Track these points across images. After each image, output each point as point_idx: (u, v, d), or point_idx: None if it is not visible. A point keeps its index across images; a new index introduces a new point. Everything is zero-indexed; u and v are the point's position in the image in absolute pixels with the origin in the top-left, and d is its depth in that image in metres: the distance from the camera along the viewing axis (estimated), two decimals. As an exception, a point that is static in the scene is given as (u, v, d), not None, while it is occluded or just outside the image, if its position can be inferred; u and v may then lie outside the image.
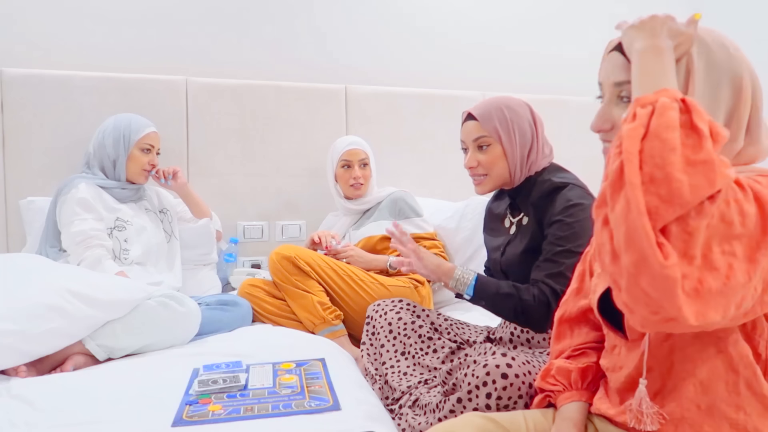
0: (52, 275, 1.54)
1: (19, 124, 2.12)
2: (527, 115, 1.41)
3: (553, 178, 1.35)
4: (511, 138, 1.38)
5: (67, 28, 2.23)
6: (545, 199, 1.32)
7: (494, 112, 1.39)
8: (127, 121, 1.98)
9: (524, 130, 1.39)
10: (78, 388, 1.31)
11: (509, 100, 1.41)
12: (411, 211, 2.17)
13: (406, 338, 1.53)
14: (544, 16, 2.83)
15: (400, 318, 1.56)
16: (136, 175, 2.00)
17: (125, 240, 1.90)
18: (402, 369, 1.48)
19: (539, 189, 1.35)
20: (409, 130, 2.58)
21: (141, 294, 1.56)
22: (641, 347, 0.78)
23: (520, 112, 1.40)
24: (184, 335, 1.62)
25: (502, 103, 1.40)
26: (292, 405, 1.23)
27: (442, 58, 2.70)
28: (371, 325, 1.60)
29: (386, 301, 1.64)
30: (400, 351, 1.52)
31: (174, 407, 1.22)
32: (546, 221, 1.31)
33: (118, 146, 1.95)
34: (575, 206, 1.27)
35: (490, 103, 1.41)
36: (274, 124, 2.42)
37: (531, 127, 1.40)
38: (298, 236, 2.46)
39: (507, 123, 1.38)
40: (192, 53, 2.37)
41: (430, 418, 1.23)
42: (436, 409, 1.23)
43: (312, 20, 2.51)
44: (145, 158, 2.00)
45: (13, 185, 2.13)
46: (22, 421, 1.15)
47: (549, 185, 1.33)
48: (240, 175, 2.40)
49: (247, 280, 2.02)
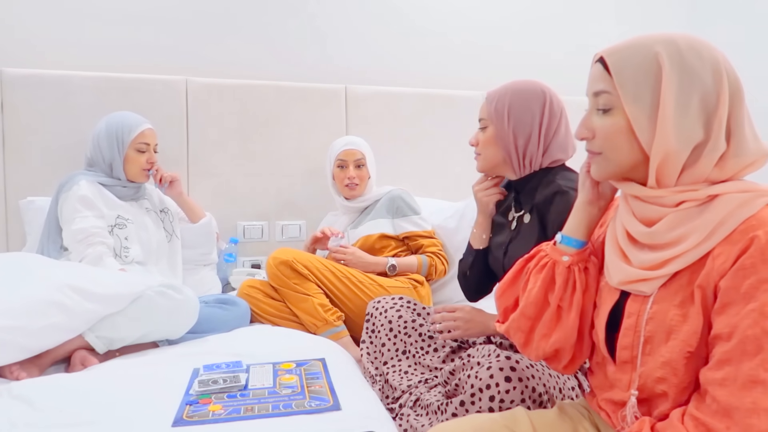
0: (51, 271, 1.54)
1: (19, 125, 2.12)
2: (536, 106, 1.32)
3: (558, 180, 1.29)
4: (503, 124, 1.32)
5: (66, 29, 2.23)
6: (548, 203, 1.27)
7: (500, 96, 1.33)
8: (119, 122, 1.95)
9: (522, 120, 1.31)
10: (78, 388, 1.31)
11: (525, 87, 1.33)
12: (408, 209, 2.17)
13: (407, 337, 1.52)
14: (544, 17, 2.83)
15: (401, 316, 1.56)
16: (135, 176, 1.99)
17: (126, 238, 1.90)
18: (402, 368, 1.48)
19: (544, 190, 1.30)
20: (409, 130, 2.58)
21: (140, 287, 1.56)
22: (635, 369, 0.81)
23: (528, 100, 1.31)
24: (183, 322, 1.61)
25: (516, 88, 1.33)
26: (292, 405, 1.23)
27: (441, 58, 2.70)
28: (371, 323, 1.60)
29: (386, 298, 1.64)
30: (401, 350, 1.52)
31: (174, 407, 1.22)
32: (549, 226, 1.27)
33: (112, 149, 1.93)
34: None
35: (507, 87, 1.35)
36: (274, 125, 2.42)
37: (536, 119, 1.31)
38: (298, 236, 2.46)
39: (504, 109, 1.32)
40: (192, 53, 2.37)
41: (432, 419, 1.23)
42: (438, 411, 1.22)
43: (312, 21, 2.51)
44: (142, 158, 1.97)
45: (12, 185, 2.13)
46: (22, 422, 1.15)
47: (553, 188, 1.28)
48: (240, 175, 2.40)
49: (246, 282, 2.01)
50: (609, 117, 0.80)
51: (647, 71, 0.77)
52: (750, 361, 0.67)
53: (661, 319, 0.77)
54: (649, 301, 0.78)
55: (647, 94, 0.77)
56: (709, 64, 0.76)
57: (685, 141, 0.75)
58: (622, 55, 0.79)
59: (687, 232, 0.74)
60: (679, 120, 0.75)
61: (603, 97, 0.81)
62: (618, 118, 0.79)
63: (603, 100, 0.81)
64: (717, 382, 0.69)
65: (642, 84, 0.77)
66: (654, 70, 0.76)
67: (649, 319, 0.78)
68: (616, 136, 0.80)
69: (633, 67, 0.78)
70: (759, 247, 0.68)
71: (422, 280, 2.07)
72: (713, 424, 0.68)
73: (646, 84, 0.77)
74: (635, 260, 0.81)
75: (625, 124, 0.79)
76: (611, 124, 0.80)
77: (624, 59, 0.79)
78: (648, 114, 0.77)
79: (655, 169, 0.78)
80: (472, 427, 0.92)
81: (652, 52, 0.77)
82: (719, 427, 0.68)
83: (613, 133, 0.80)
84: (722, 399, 0.68)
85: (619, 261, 0.84)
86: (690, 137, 0.75)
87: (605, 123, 0.81)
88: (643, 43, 0.78)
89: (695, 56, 0.76)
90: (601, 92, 0.81)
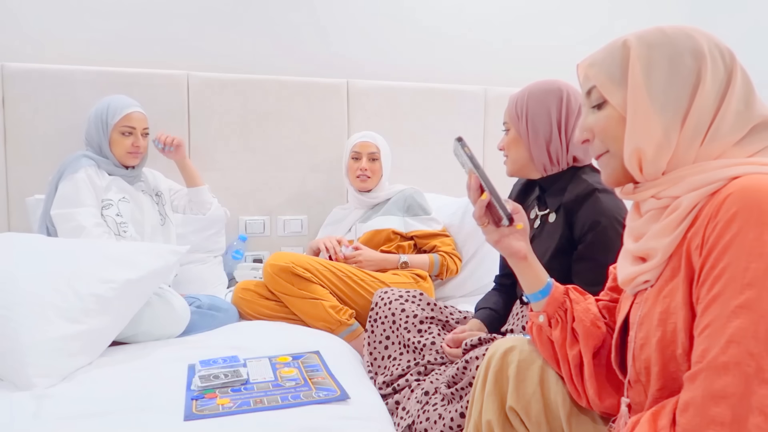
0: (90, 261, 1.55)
1: (20, 119, 2.11)
2: (552, 105, 1.33)
3: (589, 180, 1.28)
4: (522, 124, 1.35)
5: (67, 23, 2.21)
6: (580, 202, 1.26)
7: (518, 98, 1.36)
8: (106, 105, 1.95)
9: (540, 119, 1.32)
10: (81, 383, 1.31)
11: (542, 87, 1.35)
12: (420, 209, 2.17)
13: (406, 332, 1.53)
14: (546, 10, 2.83)
15: (403, 310, 1.56)
16: (123, 158, 1.96)
17: (117, 214, 1.89)
18: (402, 364, 1.48)
19: (575, 188, 1.29)
20: (411, 124, 2.58)
21: (174, 256, 1.68)
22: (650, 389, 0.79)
23: (544, 100, 1.33)
24: (171, 331, 1.66)
25: (533, 89, 1.36)
26: (300, 396, 1.24)
27: (443, 52, 2.70)
28: (375, 312, 1.60)
29: (393, 289, 1.65)
30: (403, 344, 1.53)
31: (176, 402, 1.21)
32: (578, 225, 1.25)
33: (99, 131, 1.93)
34: (617, 222, 1.21)
35: (525, 89, 1.37)
36: (275, 119, 2.41)
37: (553, 117, 1.32)
38: (299, 231, 2.46)
39: (523, 109, 1.35)
40: (193, 48, 2.36)
41: (433, 415, 1.24)
42: (447, 401, 1.24)
43: (313, 14, 2.51)
44: (126, 141, 1.94)
45: (14, 180, 2.12)
46: (29, 413, 1.16)
47: (585, 187, 1.27)
48: (242, 170, 2.39)
49: (240, 284, 1.98)
50: (602, 110, 0.81)
51: (615, 52, 0.79)
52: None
53: (649, 322, 0.76)
54: (640, 306, 0.78)
55: (618, 72, 0.78)
56: (681, 39, 0.76)
57: (661, 110, 0.74)
58: (597, 54, 0.82)
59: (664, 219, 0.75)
60: (652, 91, 0.75)
61: (593, 92, 0.81)
62: (609, 109, 0.80)
63: (594, 95, 0.81)
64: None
65: (614, 65, 0.78)
66: (623, 52, 0.78)
67: (640, 325, 0.78)
68: (611, 126, 0.79)
69: (605, 53, 0.80)
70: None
71: (425, 275, 2.07)
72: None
73: (618, 64, 0.78)
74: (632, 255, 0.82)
75: (617, 113, 0.79)
76: (605, 116, 0.80)
77: (598, 53, 0.82)
78: (624, 93, 0.77)
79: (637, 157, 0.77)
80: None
81: (621, 39, 0.80)
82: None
83: (608, 125, 0.80)
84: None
85: (622, 260, 0.84)
86: (664, 106, 0.75)
87: (599, 117, 0.81)
88: (615, 39, 0.81)
89: (660, 33, 0.77)
90: (590, 89, 0.82)
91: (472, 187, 0.93)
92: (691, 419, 0.64)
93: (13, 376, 1.31)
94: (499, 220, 0.92)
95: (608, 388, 0.88)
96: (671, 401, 0.70)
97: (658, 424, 0.68)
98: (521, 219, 0.93)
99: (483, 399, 0.95)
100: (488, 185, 0.90)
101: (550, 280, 0.94)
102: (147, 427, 1.12)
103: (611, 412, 0.88)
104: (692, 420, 0.64)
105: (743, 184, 0.66)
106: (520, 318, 1.43)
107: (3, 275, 1.41)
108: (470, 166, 0.92)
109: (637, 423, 0.71)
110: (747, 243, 0.63)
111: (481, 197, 0.92)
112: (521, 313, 1.43)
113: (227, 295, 2.08)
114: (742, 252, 0.63)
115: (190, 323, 1.70)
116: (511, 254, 0.94)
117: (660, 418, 0.69)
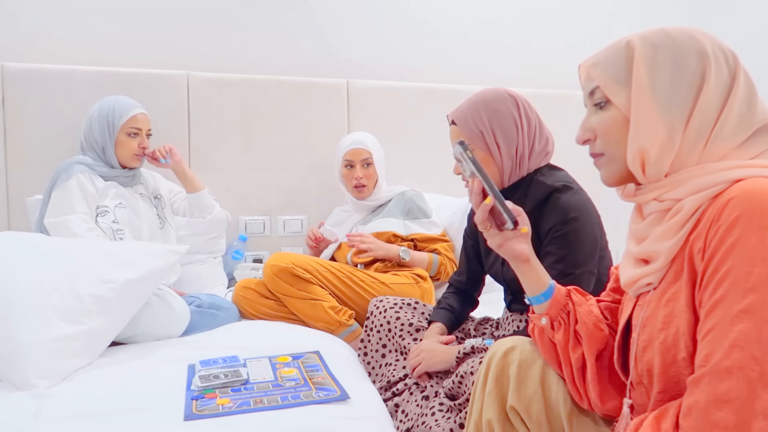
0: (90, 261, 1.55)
1: (20, 119, 2.11)
2: (510, 110, 1.31)
3: (547, 181, 1.28)
4: (492, 140, 1.30)
5: (68, 23, 2.21)
6: (541, 206, 1.26)
7: (471, 114, 1.31)
8: (110, 106, 1.93)
9: (506, 128, 1.30)
10: (81, 384, 1.31)
11: (490, 97, 1.32)
12: (420, 212, 2.16)
13: (401, 339, 1.52)
14: (546, 10, 2.83)
15: (398, 318, 1.56)
16: (127, 160, 1.96)
17: (113, 221, 1.88)
18: (399, 370, 1.48)
19: (534, 195, 1.28)
20: (411, 124, 2.58)
21: (173, 256, 1.66)
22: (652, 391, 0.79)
23: (502, 109, 1.30)
24: (171, 332, 1.66)
25: (480, 102, 1.31)
26: (300, 396, 1.24)
27: (443, 52, 2.70)
28: (371, 320, 1.60)
29: (388, 298, 1.64)
30: (399, 350, 1.53)
31: (178, 402, 1.21)
32: (543, 231, 1.25)
33: (104, 133, 1.91)
34: (573, 221, 1.21)
35: (468, 105, 1.33)
36: (275, 119, 2.41)
37: (516, 122, 1.30)
38: (300, 231, 2.46)
39: (485, 125, 1.29)
40: (193, 48, 2.36)
41: (430, 421, 1.24)
42: (448, 411, 1.23)
43: (313, 15, 2.51)
44: (133, 142, 1.95)
45: (14, 180, 2.12)
46: (46, 414, 1.16)
47: (544, 190, 1.26)
48: (242, 170, 2.39)
49: (240, 283, 1.98)
50: (606, 111, 0.80)
51: (619, 53, 0.78)
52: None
53: (652, 325, 0.76)
54: (643, 308, 0.78)
55: (622, 73, 0.77)
56: (685, 41, 0.75)
57: (665, 111, 0.74)
58: (600, 54, 0.82)
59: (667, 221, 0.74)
60: (656, 92, 0.75)
61: (597, 92, 0.81)
62: (614, 109, 0.79)
63: (598, 95, 0.81)
64: None
65: (618, 65, 0.78)
66: (626, 53, 0.78)
67: (642, 327, 0.77)
68: (615, 128, 0.79)
69: (609, 53, 0.80)
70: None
71: (425, 276, 2.06)
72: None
73: (622, 64, 0.77)
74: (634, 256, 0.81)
75: (621, 114, 0.78)
76: (609, 117, 0.79)
77: (600, 53, 0.82)
78: (628, 94, 0.77)
79: (640, 157, 0.76)
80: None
81: (624, 40, 0.79)
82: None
83: (611, 126, 0.79)
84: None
85: (625, 262, 0.84)
86: (668, 108, 0.74)
87: (603, 118, 0.80)
88: (618, 39, 0.81)
89: (663, 34, 0.76)
90: (593, 89, 0.81)
91: (475, 191, 0.92)
92: (694, 423, 0.64)
93: (12, 376, 1.31)
94: (502, 223, 0.92)
95: (610, 391, 0.88)
96: (674, 404, 0.70)
97: (662, 427, 0.68)
98: (524, 222, 0.93)
99: (483, 398, 0.95)
100: (492, 189, 0.90)
101: (552, 283, 0.94)
102: (147, 427, 1.12)
103: (613, 415, 0.87)
104: (695, 424, 0.64)
105: (745, 188, 0.66)
106: (510, 323, 1.43)
107: (2, 275, 1.41)
108: (473, 170, 0.92)
109: (640, 425, 0.71)
110: (749, 247, 0.63)
111: (484, 201, 0.91)
112: (510, 318, 1.43)
113: (227, 294, 2.08)
114: (745, 256, 0.63)
115: (190, 322, 1.70)
116: (514, 257, 0.94)
117: (663, 421, 0.69)
